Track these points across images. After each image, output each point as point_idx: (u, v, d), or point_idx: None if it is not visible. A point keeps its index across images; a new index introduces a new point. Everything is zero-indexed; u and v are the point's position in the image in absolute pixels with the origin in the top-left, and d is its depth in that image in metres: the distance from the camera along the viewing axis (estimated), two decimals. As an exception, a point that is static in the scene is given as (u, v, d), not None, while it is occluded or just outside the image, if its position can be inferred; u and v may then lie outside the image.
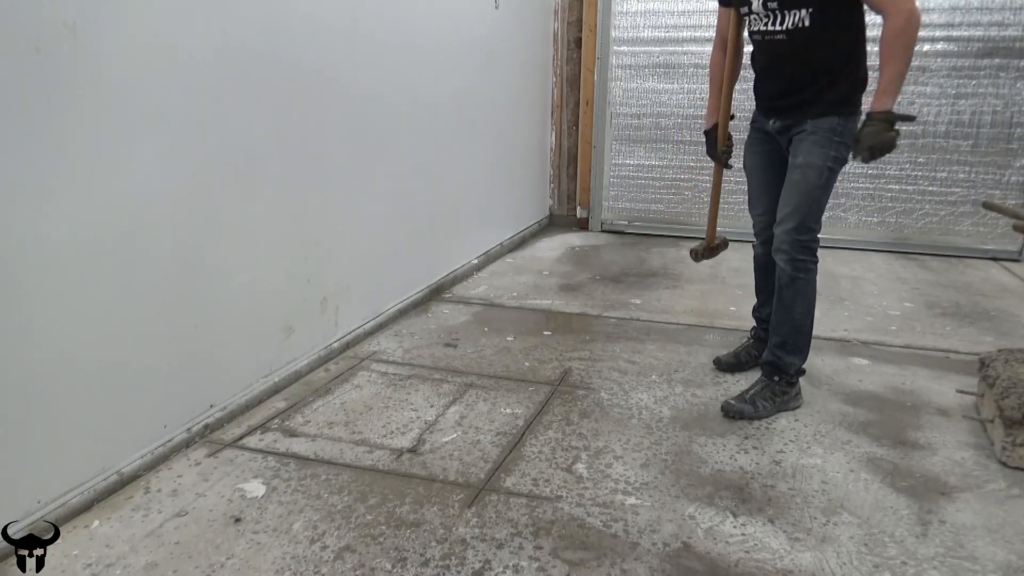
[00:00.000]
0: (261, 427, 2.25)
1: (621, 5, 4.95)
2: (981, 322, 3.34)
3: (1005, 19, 4.32)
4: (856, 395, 2.54)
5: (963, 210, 4.61)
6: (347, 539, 1.72)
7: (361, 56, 2.80)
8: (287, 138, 2.42)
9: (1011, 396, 2.07)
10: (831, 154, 2.23)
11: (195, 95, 2.01)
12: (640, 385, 2.60)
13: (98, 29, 1.70)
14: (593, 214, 5.32)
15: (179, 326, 2.05)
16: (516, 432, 2.24)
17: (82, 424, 1.78)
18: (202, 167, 2.07)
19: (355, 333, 2.94)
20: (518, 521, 1.79)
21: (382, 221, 3.09)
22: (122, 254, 1.83)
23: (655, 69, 4.96)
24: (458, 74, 3.66)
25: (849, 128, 2.23)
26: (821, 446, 2.18)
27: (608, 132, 5.14)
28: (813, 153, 2.24)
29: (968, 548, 1.71)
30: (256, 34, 2.23)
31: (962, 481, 2.00)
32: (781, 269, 2.35)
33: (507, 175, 4.59)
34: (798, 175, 2.28)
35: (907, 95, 4.53)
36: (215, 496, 1.88)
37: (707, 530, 1.77)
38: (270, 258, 2.41)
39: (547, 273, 4.13)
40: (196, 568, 1.61)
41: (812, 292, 2.37)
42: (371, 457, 2.09)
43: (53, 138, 1.62)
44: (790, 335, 2.39)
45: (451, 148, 3.67)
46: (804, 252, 2.31)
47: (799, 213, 2.27)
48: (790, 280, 2.33)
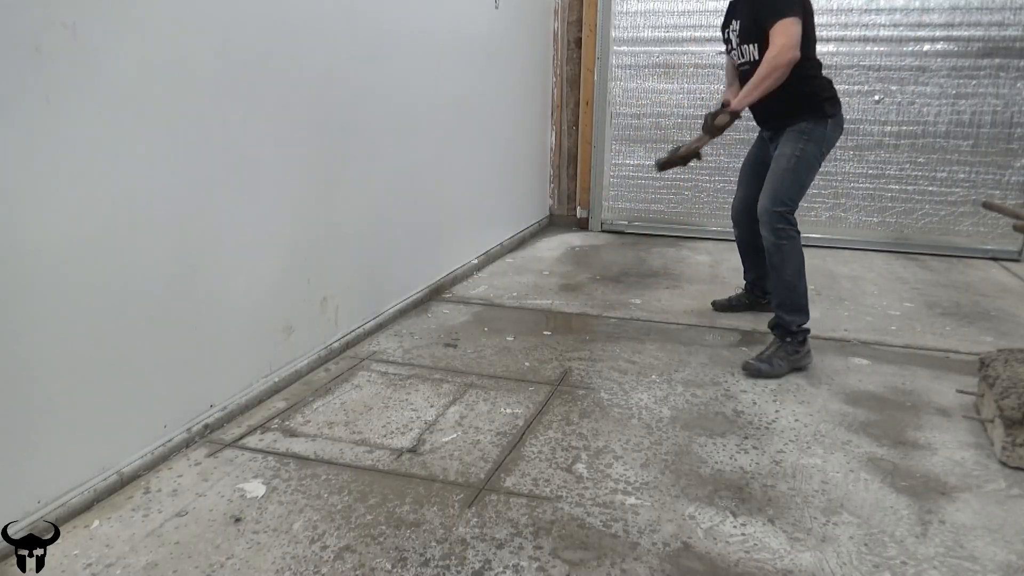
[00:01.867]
0: (261, 427, 2.25)
1: (621, 5, 4.95)
2: (981, 322, 3.34)
3: (1005, 19, 4.32)
4: (856, 395, 2.54)
5: (963, 210, 4.61)
6: (347, 539, 1.72)
7: (361, 56, 2.80)
8: (287, 138, 2.42)
9: (1011, 396, 2.07)
10: (799, 146, 2.76)
11: (195, 95, 2.02)
12: (640, 385, 2.60)
13: (98, 29, 1.70)
14: (593, 214, 5.32)
15: (179, 326, 2.05)
16: (516, 432, 2.24)
17: (82, 424, 1.78)
18: (202, 167, 2.07)
19: (355, 333, 2.94)
20: (518, 521, 1.79)
21: (382, 221, 3.09)
22: (122, 254, 1.83)
23: (655, 69, 4.96)
24: (458, 74, 3.66)
25: (817, 129, 2.75)
26: (821, 446, 2.18)
27: (608, 132, 5.14)
28: (785, 146, 2.79)
29: (968, 548, 1.71)
30: (256, 34, 2.23)
31: (962, 481, 2.00)
32: (767, 239, 2.75)
33: (507, 175, 4.59)
34: (773, 164, 2.82)
35: (907, 95, 4.54)
36: (215, 496, 1.88)
37: (707, 530, 1.77)
38: (270, 258, 2.41)
39: (547, 273, 4.13)
40: (196, 568, 1.61)
41: (797, 255, 2.75)
42: (371, 457, 2.09)
43: (53, 138, 1.62)
44: (786, 295, 2.75)
45: (451, 148, 3.67)
46: (781, 221, 2.73)
47: (773, 191, 2.76)
48: (776, 247, 2.74)
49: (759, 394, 2.54)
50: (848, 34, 4.55)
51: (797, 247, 2.75)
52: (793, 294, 2.74)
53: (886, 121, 4.62)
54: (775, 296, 2.79)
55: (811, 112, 2.75)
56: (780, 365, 2.67)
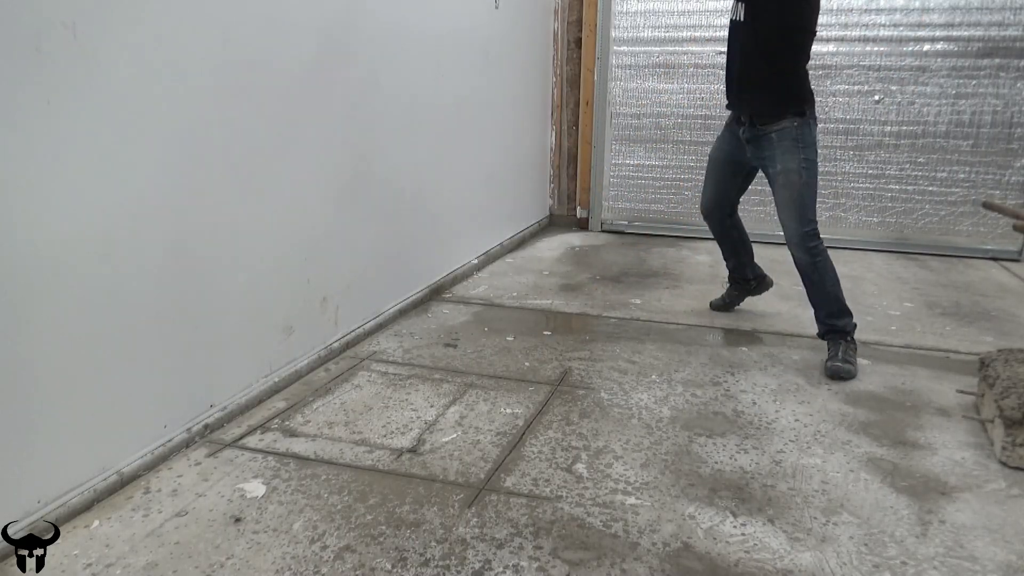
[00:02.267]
0: (261, 427, 2.25)
1: (621, 5, 4.95)
2: (981, 322, 3.34)
3: (1005, 19, 4.31)
4: (856, 395, 2.54)
5: (963, 210, 4.60)
6: (347, 539, 1.72)
7: (361, 56, 2.80)
8: (287, 137, 2.42)
9: (1011, 396, 2.07)
10: (800, 156, 2.72)
11: (195, 95, 2.01)
12: (640, 385, 2.60)
13: (98, 29, 1.70)
14: (593, 214, 5.31)
15: (179, 326, 2.05)
16: (516, 432, 2.24)
17: (82, 424, 1.78)
18: (202, 167, 2.07)
19: (355, 333, 2.94)
20: (518, 521, 1.79)
21: (382, 221, 3.09)
22: (122, 254, 1.83)
23: (655, 69, 4.96)
24: (458, 74, 3.66)
25: (806, 133, 2.73)
26: (821, 446, 2.18)
27: (608, 132, 5.14)
28: (786, 160, 2.74)
29: (968, 548, 1.71)
30: (256, 34, 2.23)
31: (962, 481, 2.00)
32: (802, 260, 2.77)
33: (507, 175, 4.59)
34: (782, 181, 2.76)
35: (907, 95, 4.54)
36: (215, 496, 1.88)
37: (707, 530, 1.77)
38: (270, 258, 2.41)
39: (547, 273, 4.13)
40: (196, 568, 1.61)
41: (831, 266, 2.79)
42: (371, 457, 2.09)
43: (53, 138, 1.62)
44: (832, 304, 2.79)
45: (451, 148, 3.67)
46: (812, 239, 2.74)
47: (797, 212, 2.74)
48: (811, 266, 2.77)
49: (759, 394, 2.54)
50: (848, 34, 4.55)
51: (829, 258, 2.78)
52: (837, 302, 2.78)
53: (886, 121, 4.61)
54: (822, 308, 2.80)
55: (796, 108, 2.71)
56: (855, 362, 2.72)
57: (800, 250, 2.75)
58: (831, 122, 4.65)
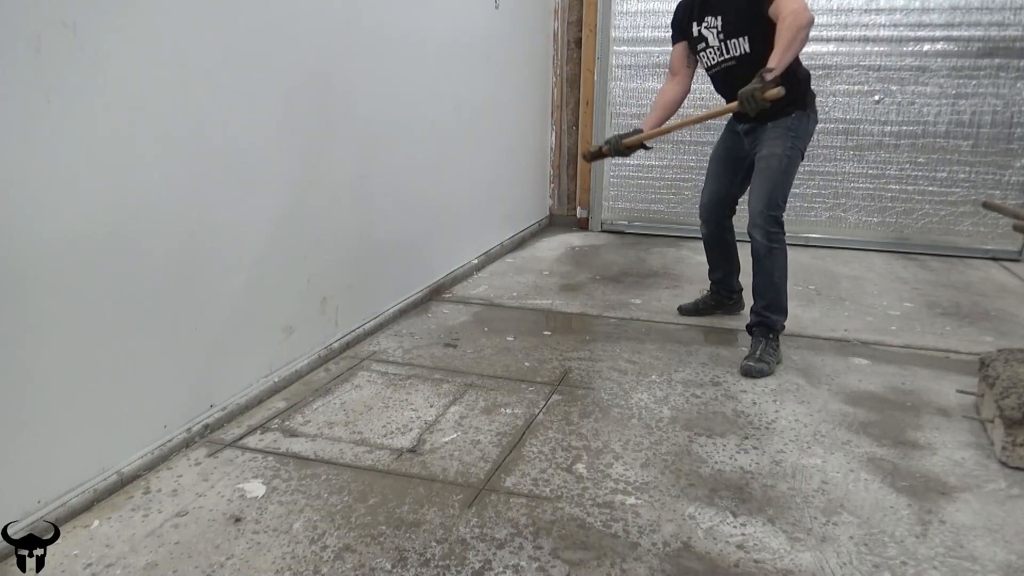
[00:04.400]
0: (261, 427, 2.25)
1: (621, 5, 4.95)
2: (981, 322, 3.34)
3: (1005, 19, 4.32)
4: (856, 395, 2.54)
5: (963, 210, 4.61)
6: (347, 539, 1.72)
7: (360, 56, 2.80)
8: (287, 138, 2.42)
9: (1011, 396, 2.07)
10: (788, 144, 2.72)
11: (195, 95, 2.01)
12: (640, 385, 2.60)
13: (98, 29, 1.70)
14: (593, 214, 5.32)
15: (179, 326, 2.05)
16: (516, 432, 2.24)
17: (82, 424, 1.78)
18: (202, 167, 2.07)
19: (355, 333, 2.94)
20: (518, 521, 1.79)
21: (382, 220, 3.09)
22: (122, 254, 1.83)
23: (655, 69, 4.96)
24: (458, 74, 3.66)
25: (803, 125, 2.75)
26: (821, 446, 2.18)
27: (608, 132, 5.14)
28: (774, 144, 2.74)
29: (968, 548, 1.71)
30: (256, 34, 2.23)
31: (962, 481, 2.00)
32: (758, 242, 2.74)
33: (507, 175, 4.59)
34: (763, 164, 2.75)
35: (907, 95, 4.54)
36: (215, 496, 1.88)
37: (707, 530, 1.77)
38: (270, 258, 2.41)
39: (547, 273, 4.13)
40: (196, 568, 1.61)
41: (785, 259, 2.78)
42: (371, 457, 2.09)
43: (53, 138, 1.62)
44: (773, 297, 2.78)
45: (451, 148, 3.67)
46: (775, 225, 2.73)
47: (768, 194, 2.72)
48: (767, 251, 2.74)
49: (759, 394, 2.54)
50: (848, 34, 4.55)
51: (785, 252, 2.78)
52: (779, 296, 2.79)
53: (886, 121, 4.62)
54: (762, 298, 2.79)
55: (796, 102, 2.71)
56: (772, 362, 2.72)
57: (760, 232, 2.71)
58: (831, 122, 4.65)
